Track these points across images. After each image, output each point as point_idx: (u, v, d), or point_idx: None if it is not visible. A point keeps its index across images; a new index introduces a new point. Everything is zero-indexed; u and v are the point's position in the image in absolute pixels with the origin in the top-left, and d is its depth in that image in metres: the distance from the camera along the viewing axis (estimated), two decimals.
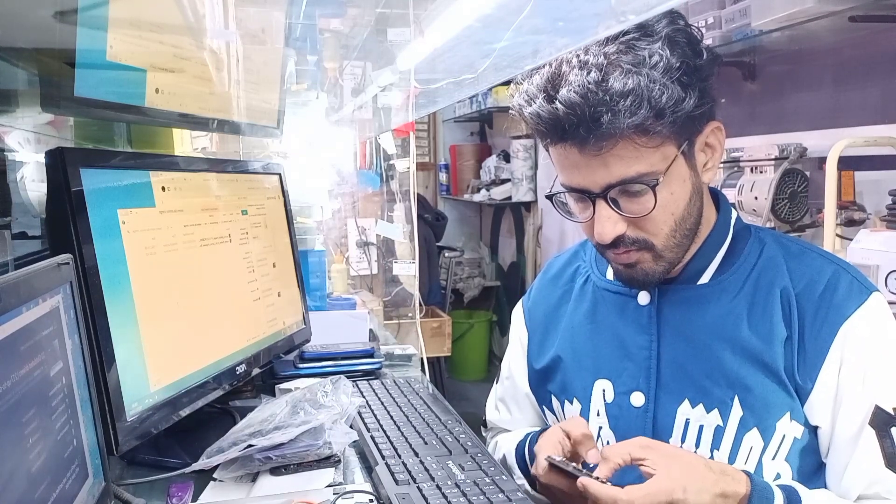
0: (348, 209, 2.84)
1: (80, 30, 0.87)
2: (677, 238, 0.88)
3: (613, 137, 0.80)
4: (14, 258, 1.04)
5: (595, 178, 0.84)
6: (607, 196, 0.84)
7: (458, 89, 1.36)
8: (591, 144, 0.81)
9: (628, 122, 0.78)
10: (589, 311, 1.01)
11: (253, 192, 1.28)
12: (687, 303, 0.92)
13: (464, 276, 4.75)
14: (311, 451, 0.96)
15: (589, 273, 1.04)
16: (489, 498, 0.82)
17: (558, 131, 0.82)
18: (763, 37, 1.75)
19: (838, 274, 0.88)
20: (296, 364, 1.40)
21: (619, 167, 0.82)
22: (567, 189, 0.89)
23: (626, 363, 0.94)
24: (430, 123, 5.20)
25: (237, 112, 1.36)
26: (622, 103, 0.78)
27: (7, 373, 0.57)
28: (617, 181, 0.83)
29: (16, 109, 1.11)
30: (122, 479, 0.95)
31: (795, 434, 0.86)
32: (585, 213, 0.89)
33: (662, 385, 0.91)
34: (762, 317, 0.88)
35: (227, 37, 1.29)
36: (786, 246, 0.93)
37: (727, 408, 0.87)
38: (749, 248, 0.92)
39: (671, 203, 0.86)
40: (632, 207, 0.85)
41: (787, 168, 1.75)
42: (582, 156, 0.83)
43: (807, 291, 0.87)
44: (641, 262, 0.89)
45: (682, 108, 0.81)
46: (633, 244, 0.88)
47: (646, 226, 0.86)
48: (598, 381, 0.97)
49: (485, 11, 0.99)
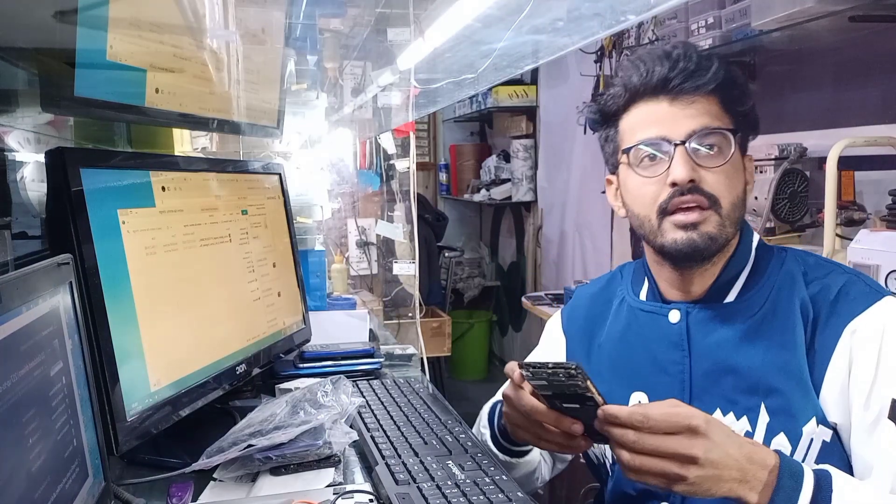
0: (348, 209, 2.84)
1: (80, 30, 0.87)
2: (737, 214, 0.94)
3: (707, 87, 0.92)
4: (14, 258, 1.03)
5: (681, 126, 0.92)
6: (688, 144, 0.92)
7: (458, 89, 1.36)
8: (686, 92, 0.92)
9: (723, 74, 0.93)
10: (623, 330, 1.05)
11: (253, 192, 1.28)
12: (715, 320, 0.96)
13: (464, 276, 4.75)
14: (311, 451, 0.96)
15: (624, 295, 1.08)
16: (489, 498, 0.82)
17: (665, 79, 0.93)
18: (763, 37, 1.75)
19: (851, 281, 0.91)
20: (296, 364, 1.39)
21: (703, 118, 0.92)
22: (648, 141, 0.94)
23: (662, 377, 0.98)
24: (430, 123, 5.20)
25: (237, 112, 1.36)
26: (719, 66, 0.94)
27: (7, 373, 0.57)
28: (701, 128, 0.92)
29: (16, 109, 1.11)
30: (122, 479, 0.95)
31: (824, 437, 0.87)
32: (656, 170, 0.94)
33: (695, 396, 0.94)
34: (783, 328, 0.91)
35: (227, 37, 1.29)
36: (805, 261, 0.96)
37: (755, 414, 0.90)
38: (772, 267, 0.96)
39: (735, 175, 0.94)
40: (707, 161, 0.92)
41: (787, 168, 1.74)
42: (672, 107, 0.93)
43: (821, 298, 0.90)
44: (705, 223, 0.92)
45: (751, 103, 0.97)
46: (704, 195, 0.92)
47: (716, 182, 0.92)
48: (634, 394, 1.00)
49: (485, 11, 0.99)
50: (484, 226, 5.23)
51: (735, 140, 0.93)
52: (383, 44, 1.65)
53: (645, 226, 0.96)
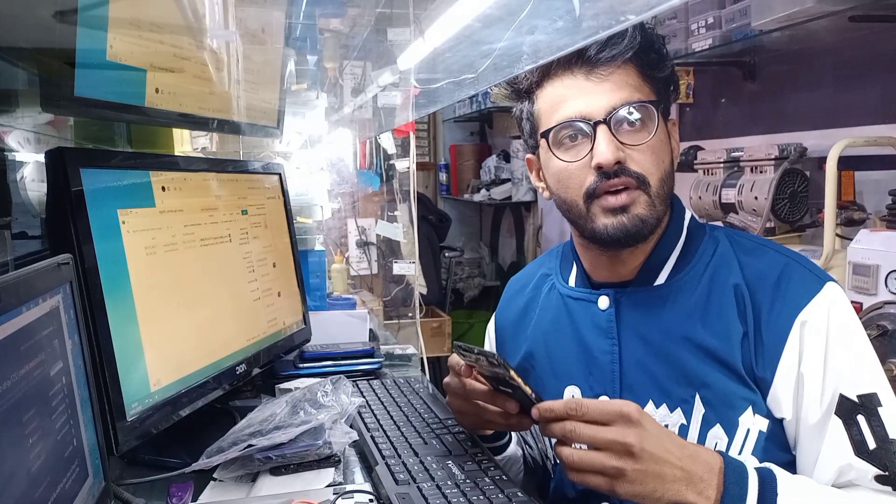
0: (348, 209, 2.84)
1: (80, 30, 0.87)
2: (665, 190, 0.91)
3: (623, 56, 0.88)
4: (14, 258, 1.04)
5: (600, 102, 0.88)
6: (610, 121, 0.88)
7: (458, 89, 1.35)
8: (602, 63, 0.88)
9: (640, 39, 0.88)
10: (554, 319, 1.03)
11: (253, 192, 1.28)
12: (645, 305, 0.93)
13: (464, 276, 4.75)
14: (311, 451, 0.96)
15: (553, 282, 1.06)
16: (489, 498, 0.82)
17: (575, 54, 0.88)
18: (763, 37, 1.75)
19: (791, 266, 0.89)
20: (296, 364, 1.40)
21: (622, 92, 0.88)
22: (567, 122, 0.90)
23: (592, 368, 0.96)
24: (430, 123, 5.20)
25: (237, 112, 1.36)
26: (638, 31, 0.89)
27: (7, 373, 0.57)
28: (621, 103, 0.88)
29: (16, 109, 1.11)
30: (122, 479, 0.95)
31: (760, 427, 0.86)
32: (579, 152, 0.90)
33: (626, 388, 0.92)
34: (718, 315, 0.89)
35: (227, 36, 1.29)
36: (738, 242, 0.94)
37: (689, 406, 0.88)
38: (703, 248, 0.94)
39: (661, 148, 0.91)
40: (631, 139, 0.89)
41: (787, 168, 1.75)
42: (588, 81, 0.89)
43: (759, 285, 0.88)
44: (635, 205, 0.89)
45: (671, 66, 0.93)
46: (632, 176, 0.89)
47: (643, 161, 0.89)
48: (568, 388, 0.99)
49: (485, 11, 0.99)
50: (484, 226, 5.23)
51: (658, 112, 0.90)
52: (383, 44, 1.65)
53: (573, 210, 0.93)
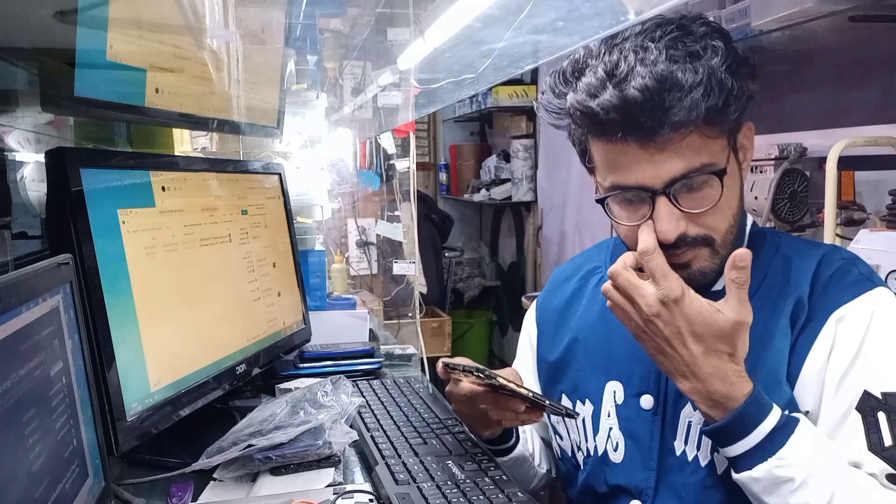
0: (348, 209, 2.84)
1: (80, 30, 0.87)
2: (734, 233, 0.87)
3: (685, 128, 0.78)
4: (14, 258, 1.04)
5: (658, 173, 0.80)
6: (670, 192, 0.81)
7: (458, 89, 1.35)
8: (659, 136, 0.78)
9: (705, 106, 0.77)
10: (601, 313, 1.00)
11: (253, 192, 1.28)
12: None
13: (464, 276, 4.75)
14: (311, 451, 0.96)
15: (603, 273, 1.03)
16: (489, 498, 0.82)
17: (626, 123, 0.79)
18: (763, 37, 1.75)
19: (846, 266, 0.88)
20: (296, 364, 1.39)
21: (683, 160, 0.80)
22: (622, 189, 0.84)
23: (637, 365, 0.95)
24: (430, 123, 5.20)
25: (237, 112, 1.36)
26: (697, 91, 0.77)
27: (7, 373, 0.57)
28: (681, 174, 0.80)
29: (16, 109, 1.11)
30: (122, 479, 0.95)
31: None
32: (636, 214, 0.84)
33: (672, 387, 0.91)
34: (769, 320, 0.88)
35: (227, 36, 1.29)
36: (796, 247, 0.92)
37: None
38: (764, 254, 0.92)
39: (730, 197, 0.84)
40: (693, 203, 0.83)
41: (787, 168, 1.74)
42: (643, 151, 0.80)
43: (814, 285, 0.87)
44: (697, 259, 0.86)
45: (742, 99, 0.81)
46: (693, 242, 0.84)
47: (707, 221, 0.84)
48: (609, 383, 0.97)
49: (485, 11, 0.99)
50: (484, 226, 5.23)
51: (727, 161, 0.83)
52: (383, 44, 1.65)
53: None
